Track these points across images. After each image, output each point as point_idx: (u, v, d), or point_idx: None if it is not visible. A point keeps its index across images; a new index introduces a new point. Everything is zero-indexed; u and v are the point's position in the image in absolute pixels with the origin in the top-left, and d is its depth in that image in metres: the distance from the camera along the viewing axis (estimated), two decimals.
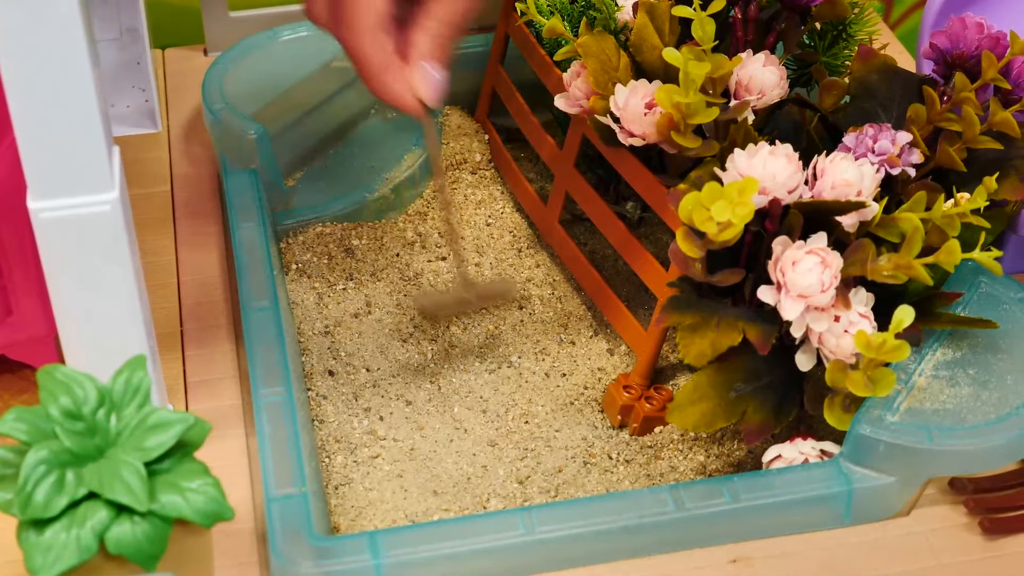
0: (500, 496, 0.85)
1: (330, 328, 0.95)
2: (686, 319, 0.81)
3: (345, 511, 0.84)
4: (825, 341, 0.79)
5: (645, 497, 0.78)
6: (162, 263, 1.00)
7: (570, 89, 0.93)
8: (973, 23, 0.89)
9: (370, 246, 1.01)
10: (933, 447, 0.78)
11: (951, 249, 0.77)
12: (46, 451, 0.68)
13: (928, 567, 0.78)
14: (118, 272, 0.77)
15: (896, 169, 0.84)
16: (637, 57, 0.90)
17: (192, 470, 0.70)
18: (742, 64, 0.88)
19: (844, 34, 0.98)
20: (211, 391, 0.90)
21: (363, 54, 0.81)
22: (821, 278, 0.78)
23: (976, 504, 0.81)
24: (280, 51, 1.09)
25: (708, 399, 0.82)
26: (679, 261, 0.81)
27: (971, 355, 0.83)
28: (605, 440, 0.89)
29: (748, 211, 0.76)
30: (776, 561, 0.78)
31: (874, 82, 0.92)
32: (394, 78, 0.82)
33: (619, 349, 0.95)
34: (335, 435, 0.88)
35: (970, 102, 0.86)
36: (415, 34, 0.83)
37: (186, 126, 1.12)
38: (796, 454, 0.82)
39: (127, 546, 0.68)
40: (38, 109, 0.71)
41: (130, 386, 0.71)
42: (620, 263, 1.01)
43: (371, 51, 0.81)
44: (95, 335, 0.79)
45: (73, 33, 0.69)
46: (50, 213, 0.74)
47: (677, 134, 0.85)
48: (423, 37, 0.82)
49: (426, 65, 0.82)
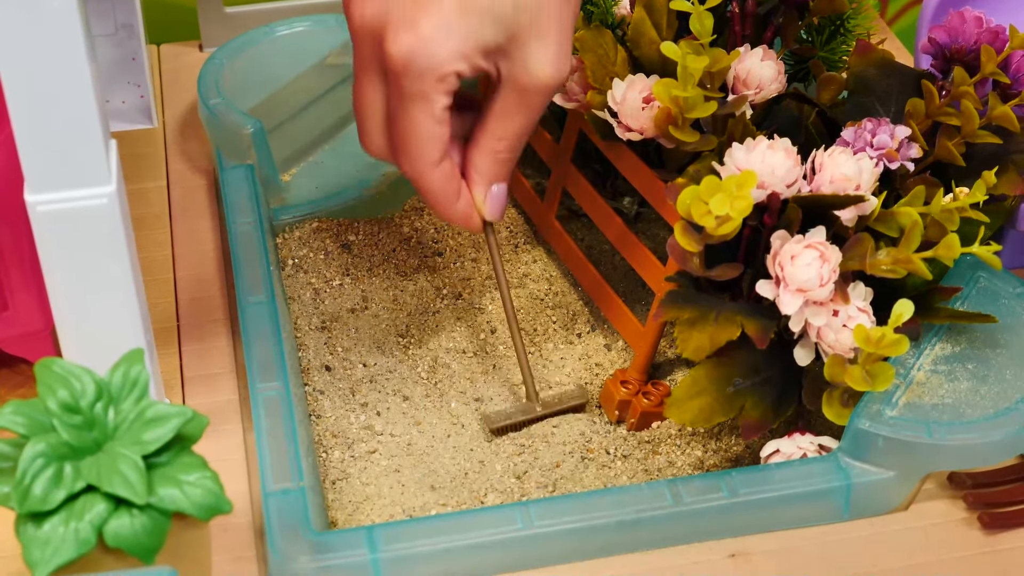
0: (497, 491, 0.85)
1: (327, 323, 0.95)
2: (684, 313, 0.81)
3: (342, 506, 0.84)
4: (824, 335, 0.79)
5: (643, 492, 0.78)
6: (158, 258, 0.99)
7: (567, 84, 0.93)
8: (972, 17, 0.89)
9: (367, 241, 1.01)
10: (932, 442, 0.78)
11: (950, 244, 0.77)
12: (44, 444, 0.68)
13: (927, 562, 0.78)
14: (115, 266, 0.77)
15: (895, 163, 0.84)
16: (634, 51, 0.90)
17: (190, 463, 0.70)
18: (740, 58, 0.88)
19: (842, 29, 0.98)
20: (208, 386, 0.90)
21: (428, 185, 0.82)
22: (820, 272, 0.78)
23: (975, 499, 0.81)
24: (276, 47, 1.09)
25: (706, 394, 0.82)
26: (677, 255, 0.81)
27: (970, 350, 0.83)
28: (603, 435, 0.89)
29: (747, 205, 0.76)
30: (774, 556, 0.78)
31: (872, 77, 0.92)
32: (461, 204, 0.83)
33: (616, 344, 0.95)
34: (332, 430, 0.88)
35: (969, 96, 0.86)
36: (476, 155, 0.83)
37: (182, 122, 1.12)
38: (794, 449, 0.82)
39: (125, 539, 0.67)
40: (35, 102, 0.71)
41: (128, 379, 0.71)
42: (617, 258, 1.01)
43: (438, 184, 0.82)
44: (92, 329, 0.78)
45: (69, 25, 0.69)
46: (47, 206, 0.74)
47: (675, 128, 0.85)
48: (485, 160, 0.83)
49: (493, 187, 0.83)
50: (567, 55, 0.80)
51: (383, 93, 0.81)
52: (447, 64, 0.78)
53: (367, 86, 0.81)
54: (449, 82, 0.78)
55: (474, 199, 0.84)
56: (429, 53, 0.77)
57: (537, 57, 0.79)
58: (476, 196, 0.84)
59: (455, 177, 0.83)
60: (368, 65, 0.81)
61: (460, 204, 0.83)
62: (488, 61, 0.79)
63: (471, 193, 0.84)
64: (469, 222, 0.84)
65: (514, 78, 0.80)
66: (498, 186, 0.84)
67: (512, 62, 0.80)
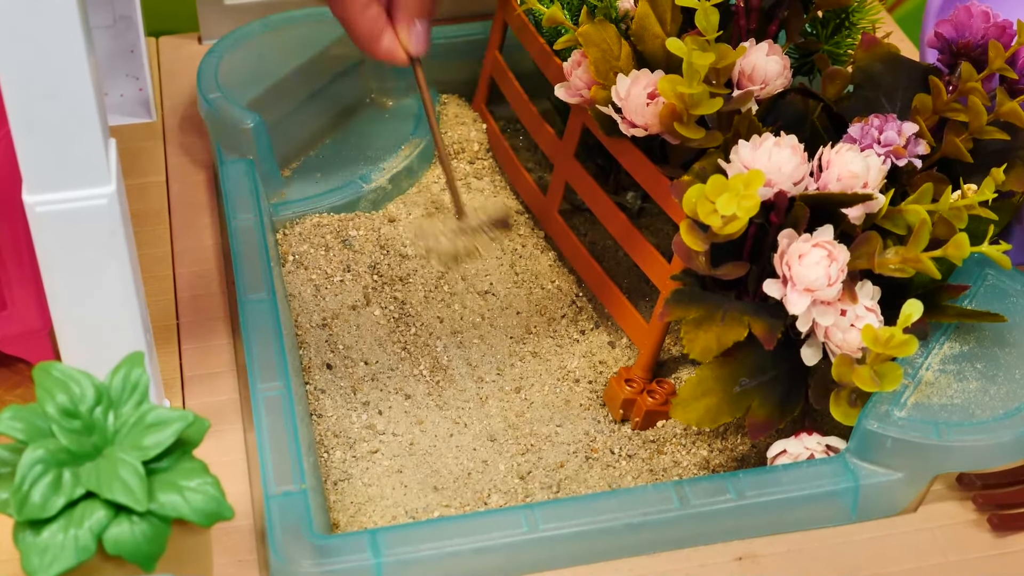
0: (501, 491, 0.84)
1: (328, 320, 0.94)
2: (691, 313, 0.81)
3: (344, 507, 0.83)
4: (831, 335, 0.78)
5: (649, 494, 0.77)
6: (157, 255, 0.99)
7: (570, 78, 0.92)
8: (979, 11, 0.88)
9: (367, 237, 1.00)
10: (941, 443, 0.77)
11: (959, 243, 0.76)
12: (43, 450, 0.67)
13: (936, 564, 0.78)
14: (115, 266, 0.76)
15: (902, 160, 0.83)
16: (639, 46, 0.90)
17: (191, 469, 0.69)
18: (745, 54, 0.87)
19: (847, 22, 0.97)
20: (208, 385, 0.89)
21: (358, 28, 0.89)
22: (828, 271, 0.77)
23: (984, 500, 0.80)
24: (275, 39, 1.09)
25: (712, 394, 0.81)
26: (682, 254, 0.80)
27: (978, 349, 0.83)
28: (607, 435, 0.88)
29: (754, 204, 0.76)
30: (782, 558, 0.78)
31: (878, 71, 0.91)
32: (386, 41, 0.90)
33: (620, 342, 0.94)
34: (333, 430, 0.87)
35: (977, 92, 0.85)
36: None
37: (181, 115, 1.11)
38: (801, 449, 0.81)
39: (126, 546, 0.67)
40: (34, 101, 0.70)
41: (128, 383, 0.70)
42: (620, 254, 1.00)
43: (365, 25, 0.89)
44: (92, 330, 0.78)
45: (69, 22, 0.69)
46: (46, 207, 0.73)
47: (680, 125, 0.84)
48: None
49: (416, 23, 0.90)
50: None
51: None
52: None
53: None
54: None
55: (399, 36, 0.90)
56: None
57: None
58: (401, 33, 0.90)
59: (380, 18, 0.89)
60: None
61: (385, 41, 0.90)
62: None
63: (396, 31, 0.90)
64: (393, 55, 0.90)
65: None
66: (420, 22, 0.90)
67: None
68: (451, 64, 1.11)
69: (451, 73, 1.12)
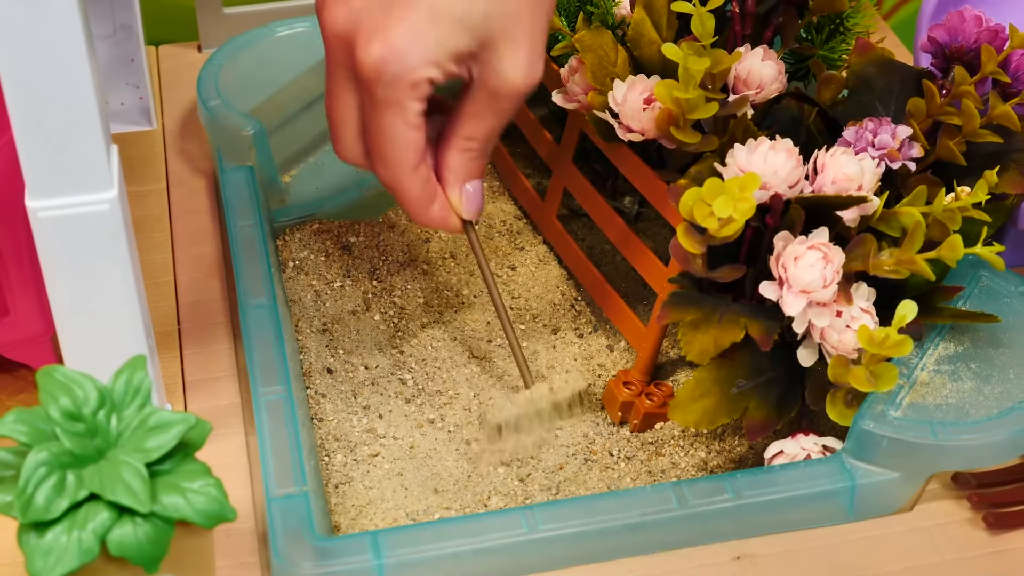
0: (501, 494, 0.85)
1: (328, 325, 0.95)
2: (688, 315, 0.81)
3: (345, 510, 0.83)
4: (827, 336, 0.79)
5: (648, 495, 0.78)
6: (158, 261, 0.99)
7: (568, 84, 0.93)
8: (971, 16, 0.88)
9: (367, 242, 1.01)
10: (937, 442, 0.78)
11: (953, 244, 0.77)
12: (46, 453, 0.68)
13: (932, 563, 0.78)
14: (117, 271, 0.77)
15: (896, 163, 0.84)
16: (635, 52, 0.90)
17: (193, 471, 0.70)
18: (741, 59, 0.88)
19: (841, 27, 0.98)
20: (209, 390, 0.90)
21: (405, 191, 0.81)
22: (823, 273, 0.78)
23: (980, 499, 0.81)
24: (275, 47, 1.09)
25: (710, 395, 0.82)
26: (680, 257, 0.81)
27: (973, 349, 0.83)
28: (606, 437, 0.89)
29: (750, 207, 0.76)
30: (779, 558, 0.78)
31: (872, 75, 0.92)
32: (437, 207, 0.83)
33: (619, 345, 0.94)
34: (334, 433, 0.88)
35: (970, 95, 0.86)
36: (450, 156, 0.82)
37: (181, 123, 1.12)
38: (798, 450, 0.82)
39: (129, 548, 0.67)
40: (36, 107, 0.71)
41: (130, 386, 0.71)
42: (619, 258, 1.01)
43: (413, 188, 0.81)
44: (94, 335, 0.78)
45: (71, 30, 0.69)
46: (49, 212, 0.74)
47: (676, 129, 0.84)
48: (458, 159, 0.82)
49: (467, 186, 0.83)
50: (540, 58, 0.80)
51: (356, 100, 0.80)
52: (419, 71, 0.77)
53: (340, 93, 0.81)
54: (422, 88, 0.78)
55: (449, 200, 0.83)
56: (401, 60, 0.76)
57: (509, 62, 0.79)
58: (451, 196, 0.83)
59: (431, 181, 0.82)
60: (340, 72, 0.80)
61: (436, 207, 0.83)
62: (460, 66, 0.79)
63: (446, 194, 0.83)
64: (447, 223, 0.84)
65: (485, 81, 0.79)
66: (472, 184, 0.83)
67: (483, 66, 0.79)
68: None
69: None
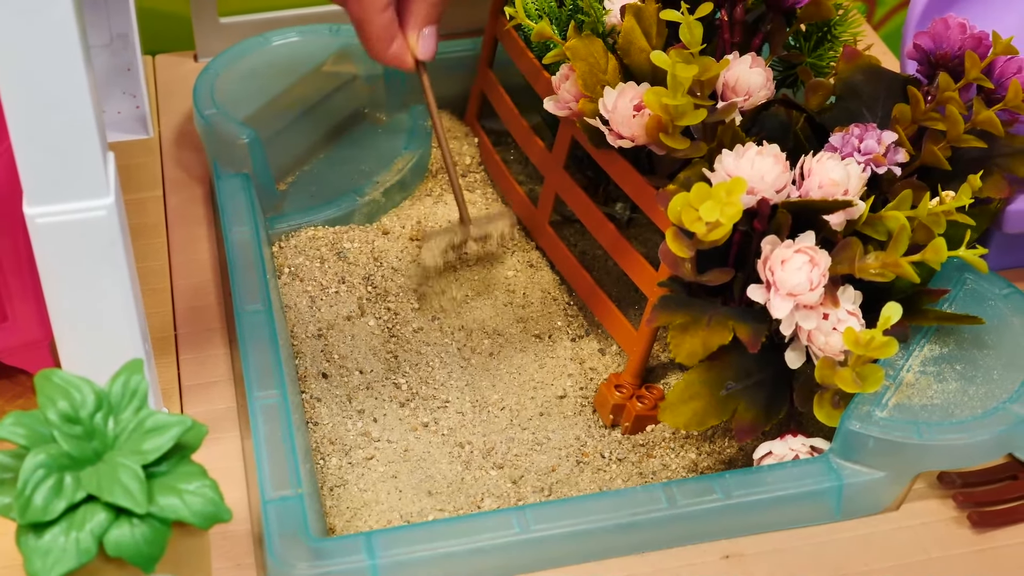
0: (494, 496, 0.86)
1: (323, 331, 0.96)
2: (677, 318, 0.82)
3: (340, 512, 0.84)
4: (814, 338, 0.80)
5: (639, 495, 0.79)
6: (155, 268, 1.00)
7: (559, 92, 0.94)
8: (956, 23, 0.89)
9: (361, 249, 1.02)
10: (922, 442, 0.79)
11: (938, 247, 0.78)
12: (44, 455, 0.68)
13: (918, 561, 0.79)
14: (114, 276, 0.77)
15: (882, 168, 0.85)
16: (625, 60, 0.91)
17: (190, 472, 0.70)
18: (729, 66, 0.89)
19: (829, 35, 0.99)
20: (206, 394, 0.91)
21: (370, 28, 0.90)
22: (810, 276, 0.79)
23: (965, 498, 0.82)
24: (270, 57, 1.10)
25: (699, 397, 0.82)
26: (669, 261, 0.82)
27: (958, 351, 0.84)
28: (597, 439, 0.90)
29: (736, 211, 0.77)
30: (768, 556, 0.79)
31: (859, 82, 0.93)
32: (396, 45, 0.91)
33: (610, 349, 0.95)
34: (329, 437, 0.89)
35: (954, 101, 0.87)
36: (413, 2, 0.91)
37: (177, 132, 1.13)
38: (787, 451, 0.83)
39: (126, 548, 0.68)
40: (34, 115, 0.71)
41: (127, 389, 0.72)
42: (610, 263, 1.02)
43: (378, 26, 0.90)
44: (91, 339, 0.79)
45: (68, 39, 0.69)
46: (46, 219, 0.74)
47: (665, 136, 0.85)
48: (420, 4, 0.91)
49: (424, 30, 0.91)
50: None
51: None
52: None
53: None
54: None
55: (408, 40, 0.92)
56: None
57: None
58: (410, 38, 0.92)
59: (395, 22, 0.91)
60: None
61: (395, 45, 0.92)
62: None
63: (405, 36, 0.92)
64: (403, 61, 0.92)
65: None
66: (428, 28, 0.92)
67: None
68: (443, 79, 1.12)
69: (443, 88, 1.13)
